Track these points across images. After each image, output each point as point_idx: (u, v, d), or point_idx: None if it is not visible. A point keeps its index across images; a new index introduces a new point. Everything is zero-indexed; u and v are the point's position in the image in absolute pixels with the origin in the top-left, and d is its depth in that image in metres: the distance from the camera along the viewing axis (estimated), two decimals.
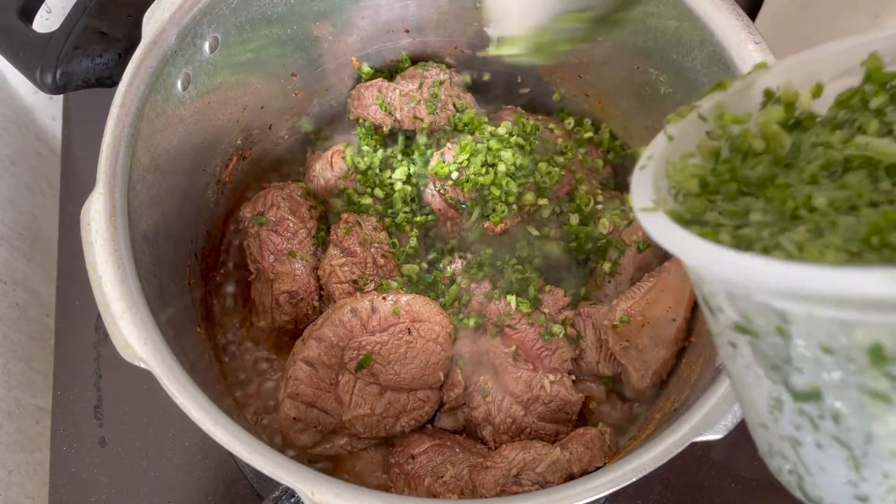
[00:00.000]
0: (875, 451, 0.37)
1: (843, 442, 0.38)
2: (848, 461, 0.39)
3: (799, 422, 0.39)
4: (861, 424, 0.36)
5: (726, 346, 0.41)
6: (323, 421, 0.77)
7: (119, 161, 0.67)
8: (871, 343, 0.33)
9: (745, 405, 0.46)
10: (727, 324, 0.39)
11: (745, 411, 0.46)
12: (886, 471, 0.38)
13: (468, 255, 0.89)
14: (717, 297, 0.39)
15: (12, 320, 1.07)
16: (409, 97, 0.94)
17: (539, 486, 0.72)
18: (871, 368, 0.34)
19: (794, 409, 0.39)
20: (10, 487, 1.00)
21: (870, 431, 0.36)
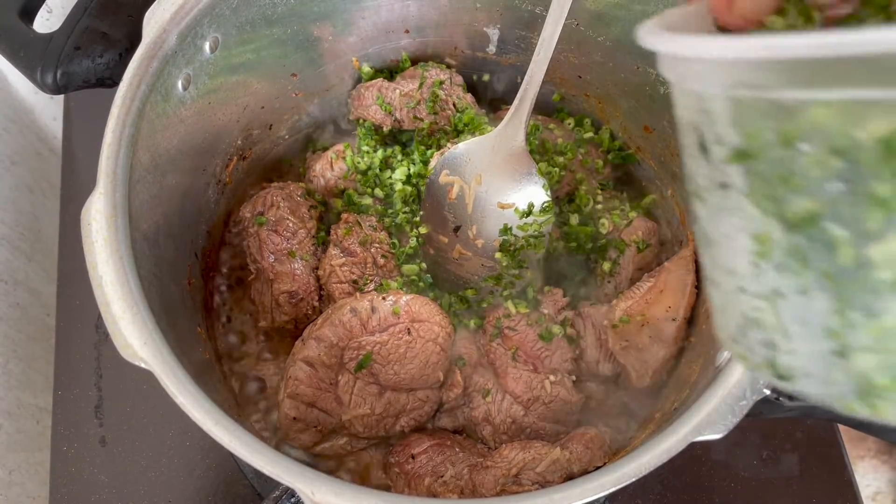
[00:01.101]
0: (866, 285, 0.36)
1: (832, 277, 0.36)
2: (833, 302, 0.37)
3: (785, 262, 0.38)
4: (855, 250, 0.35)
5: (714, 193, 0.41)
6: (323, 421, 0.78)
7: (119, 161, 0.67)
8: (888, 132, 0.32)
9: (719, 276, 0.44)
10: (723, 157, 0.38)
11: (717, 285, 0.45)
12: (875, 309, 0.36)
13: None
14: (718, 121, 0.38)
15: (13, 320, 1.07)
16: (409, 97, 0.94)
17: (539, 486, 0.72)
18: (879, 167, 0.33)
19: (782, 248, 0.38)
20: (11, 487, 1.00)
21: (865, 257, 0.35)
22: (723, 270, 0.43)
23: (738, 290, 0.42)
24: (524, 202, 0.85)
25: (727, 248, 0.42)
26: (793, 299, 0.39)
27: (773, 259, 0.39)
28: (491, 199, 0.86)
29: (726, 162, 0.38)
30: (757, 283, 0.41)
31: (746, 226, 0.39)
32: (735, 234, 0.40)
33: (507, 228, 0.85)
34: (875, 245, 0.35)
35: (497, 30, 0.95)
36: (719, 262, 0.43)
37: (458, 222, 0.87)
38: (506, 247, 0.86)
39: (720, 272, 0.44)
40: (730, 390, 0.61)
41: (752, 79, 0.35)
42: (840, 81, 0.32)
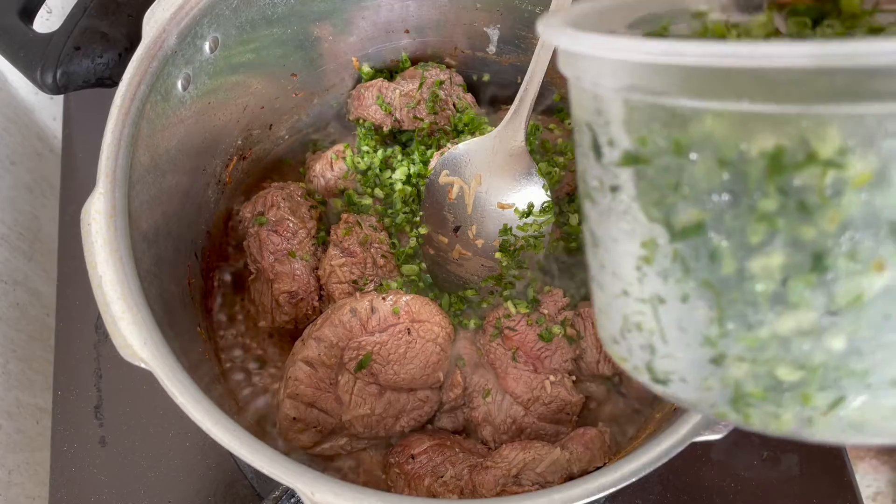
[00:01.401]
0: (744, 296, 0.36)
1: (712, 286, 0.37)
2: (712, 311, 0.38)
3: (669, 269, 0.38)
4: (737, 262, 0.36)
5: (605, 195, 0.41)
6: (323, 421, 0.78)
7: (119, 161, 0.67)
8: (774, 147, 0.32)
9: (604, 278, 0.44)
10: (615, 160, 0.38)
11: (602, 287, 0.45)
12: (752, 320, 0.37)
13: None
14: (611, 123, 0.38)
15: (12, 320, 1.07)
16: (409, 97, 0.94)
17: (539, 486, 0.72)
18: (765, 182, 0.33)
19: (667, 255, 0.38)
20: (11, 487, 1.00)
21: (746, 269, 0.35)
22: (608, 272, 0.44)
23: (621, 293, 0.43)
24: (524, 202, 0.85)
25: (614, 251, 0.42)
26: (673, 306, 0.39)
27: (658, 265, 0.39)
28: (491, 200, 0.86)
29: (617, 165, 0.39)
30: (640, 287, 0.41)
31: (634, 230, 0.39)
32: (622, 238, 0.41)
33: (507, 228, 0.85)
34: (756, 258, 0.35)
35: (497, 30, 0.95)
36: (605, 264, 0.44)
37: (458, 222, 0.87)
38: (506, 247, 0.86)
39: (605, 274, 0.44)
40: None
41: (647, 83, 0.35)
42: (732, 93, 0.32)
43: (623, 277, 0.42)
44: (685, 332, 0.40)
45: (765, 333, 0.37)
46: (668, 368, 0.42)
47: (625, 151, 0.38)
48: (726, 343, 0.38)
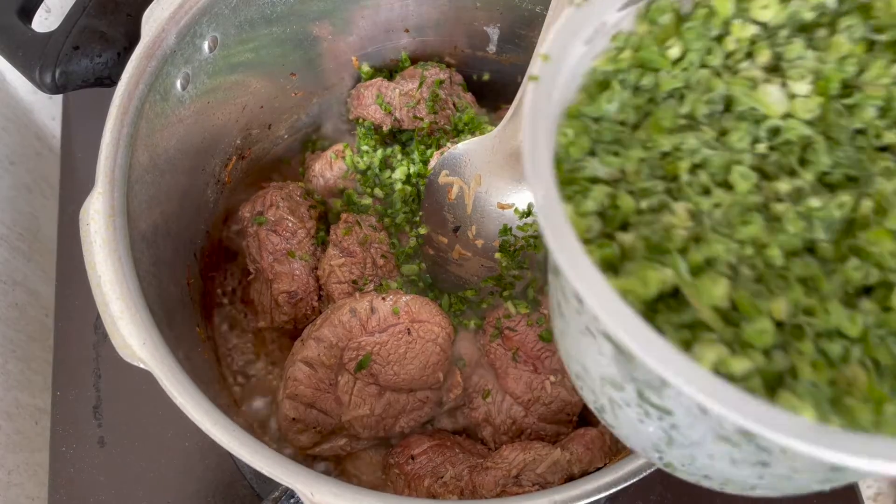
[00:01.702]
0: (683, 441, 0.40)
1: (662, 418, 0.39)
2: (663, 435, 0.41)
3: (621, 399, 0.41)
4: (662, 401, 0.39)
5: (582, 334, 0.41)
6: (322, 421, 0.77)
7: (118, 161, 0.67)
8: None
9: (569, 349, 0.46)
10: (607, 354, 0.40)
11: (567, 353, 0.47)
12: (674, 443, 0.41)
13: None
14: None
15: (11, 320, 1.07)
16: (409, 97, 0.94)
17: (539, 487, 0.72)
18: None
19: (625, 385, 0.40)
20: (10, 488, 1.00)
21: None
22: (572, 356, 0.46)
23: (582, 373, 0.45)
24: (524, 202, 0.85)
25: (581, 352, 0.44)
26: (626, 411, 0.42)
27: (617, 389, 0.41)
28: (491, 200, 0.85)
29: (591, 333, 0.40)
30: (598, 387, 0.44)
31: (599, 357, 0.41)
32: (587, 351, 0.42)
33: (507, 229, 0.85)
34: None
35: (497, 29, 0.95)
36: (572, 352, 0.46)
37: (458, 223, 0.87)
38: (506, 247, 0.85)
39: (569, 349, 0.46)
40: None
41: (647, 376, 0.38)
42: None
43: (588, 372, 0.44)
44: (638, 434, 0.44)
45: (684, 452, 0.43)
46: (618, 430, 0.46)
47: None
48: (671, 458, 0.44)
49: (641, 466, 0.58)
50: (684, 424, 0.38)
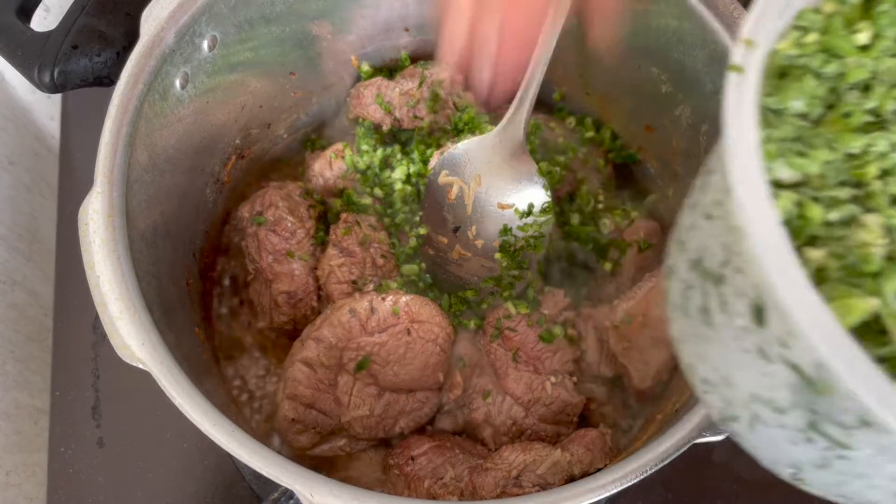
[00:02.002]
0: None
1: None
2: (818, 460, 0.38)
3: (774, 420, 0.38)
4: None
5: (744, 351, 0.37)
6: (322, 422, 0.77)
7: (117, 160, 0.67)
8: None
9: (705, 353, 0.42)
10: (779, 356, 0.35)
11: (697, 352, 0.43)
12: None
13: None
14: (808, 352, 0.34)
15: (10, 320, 1.07)
16: (409, 96, 0.94)
17: (540, 488, 0.72)
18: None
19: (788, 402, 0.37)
20: (8, 489, 0.99)
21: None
22: (710, 364, 0.42)
23: (720, 383, 0.41)
24: (524, 202, 0.84)
25: (733, 365, 0.40)
26: (776, 432, 0.39)
27: (776, 412, 0.38)
28: (491, 200, 0.85)
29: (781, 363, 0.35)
30: (742, 402, 0.40)
31: (763, 380, 0.37)
32: (744, 368, 0.38)
33: (507, 229, 0.85)
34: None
35: None
36: (713, 361, 0.41)
37: (458, 223, 0.87)
38: (505, 247, 0.85)
39: (707, 357, 0.42)
40: None
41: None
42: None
43: (736, 384, 0.40)
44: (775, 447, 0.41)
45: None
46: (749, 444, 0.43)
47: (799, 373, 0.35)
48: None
49: (642, 467, 0.58)
50: (862, 459, 0.36)
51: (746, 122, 0.35)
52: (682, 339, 0.44)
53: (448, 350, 0.81)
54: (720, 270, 0.37)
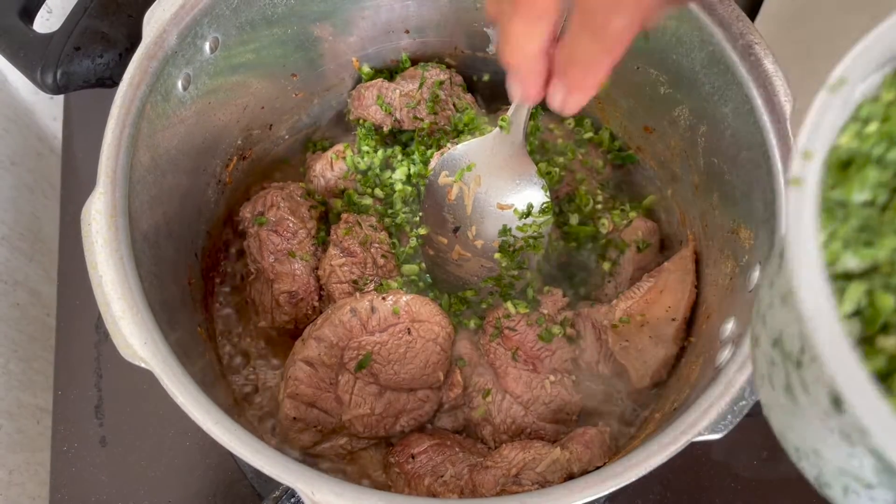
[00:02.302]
0: None
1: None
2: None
3: (866, 494, 0.39)
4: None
5: (829, 430, 0.38)
6: (323, 421, 0.78)
7: (120, 161, 0.67)
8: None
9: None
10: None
11: (783, 421, 0.43)
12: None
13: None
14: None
15: (13, 320, 1.07)
16: (410, 97, 0.94)
17: (539, 486, 0.72)
18: None
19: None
20: (11, 487, 1.00)
21: None
22: (797, 435, 0.42)
23: (811, 455, 0.42)
24: (523, 203, 0.85)
25: (819, 441, 0.40)
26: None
27: (864, 487, 0.38)
28: (490, 201, 0.86)
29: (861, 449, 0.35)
30: (832, 474, 0.40)
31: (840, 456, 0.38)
32: (829, 445, 0.38)
33: (507, 229, 0.85)
34: None
35: (497, 30, 0.95)
36: (799, 432, 0.42)
37: (458, 223, 0.87)
38: (505, 248, 0.86)
39: (795, 428, 0.43)
40: (729, 390, 0.61)
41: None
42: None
43: (821, 455, 0.40)
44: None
45: None
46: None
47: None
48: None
49: (640, 466, 0.58)
50: None
51: (806, 235, 0.34)
52: (770, 407, 0.45)
53: (448, 349, 0.81)
54: (799, 356, 0.37)
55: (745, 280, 0.70)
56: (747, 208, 0.73)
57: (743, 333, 0.64)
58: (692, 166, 0.84)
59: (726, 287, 0.76)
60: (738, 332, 0.67)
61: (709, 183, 0.82)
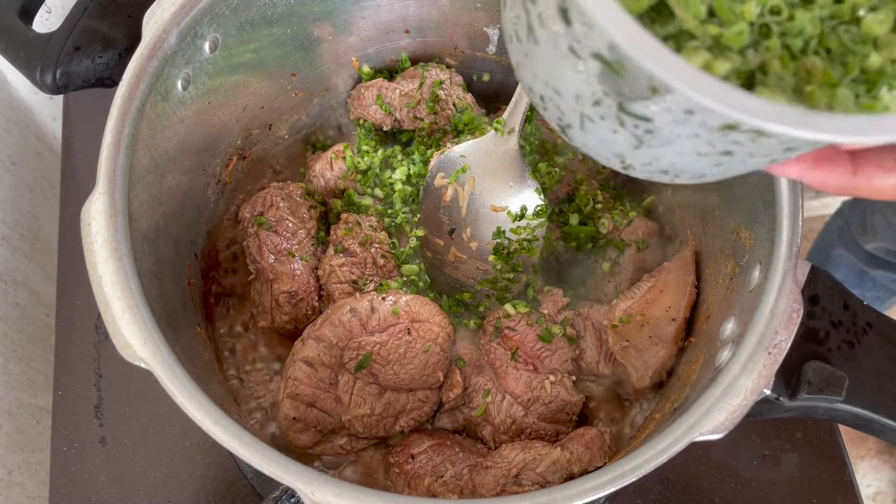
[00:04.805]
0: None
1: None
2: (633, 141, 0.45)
3: (595, 114, 0.45)
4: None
5: (562, 57, 0.43)
6: (322, 421, 0.78)
7: (119, 161, 0.67)
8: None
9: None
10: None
11: (529, 72, 0.49)
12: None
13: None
14: None
15: (12, 320, 1.07)
16: (409, 97, 0.94)
17: (539, 486, 0.72)
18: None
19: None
20: (11, 487, 1.00)
21: None
22: (540, 79, 0.48)
23: (552, 95, 0.48)
24: (517, 205, 0.85)
25: (556, 73, 0.46)
26: (600, 125, 0.46)
27: (594, 105, 0.45)
28: (485, 202, 0.86)
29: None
30: (570, 106, 0.46)
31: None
32: (563, 71, 0.44)
33: (501, 231, 0.85)
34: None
35: (497, 30, 0.95)
36: (541, 76, 0.48)
37: (453, 225, 0.87)
38: (499, 250, 0.86)
39: (537, 73, 0.48)
40: (729, 390, 0.61)
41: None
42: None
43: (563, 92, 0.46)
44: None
45: None
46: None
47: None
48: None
49: (640, 466, 0.58)
50: (662, 128, 0.42)
51: None
52: (519, 66, 0.50)
53: (448, 349, 0.81)
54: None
55: (745, 280, 0.70)
56: (747, 208, 0.73)
57: (743, 333, 0.64)
58: None
59: (726, 287, 0.76)
60: (738, 332, 0.67)
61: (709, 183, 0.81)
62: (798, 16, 0.41)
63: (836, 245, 1.67)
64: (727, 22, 0.40)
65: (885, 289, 1.67)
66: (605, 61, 0.40)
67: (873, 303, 1.39)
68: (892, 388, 0.64)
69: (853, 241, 1.61)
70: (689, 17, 0.39)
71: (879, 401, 0.63)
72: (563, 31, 0.41)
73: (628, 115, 0.43)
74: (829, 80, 0.40)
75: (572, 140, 0.50)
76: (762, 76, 0.40)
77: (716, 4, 0.40)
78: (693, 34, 0.40)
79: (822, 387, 0.63)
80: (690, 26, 0.39)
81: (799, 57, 0.41)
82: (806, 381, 0.63)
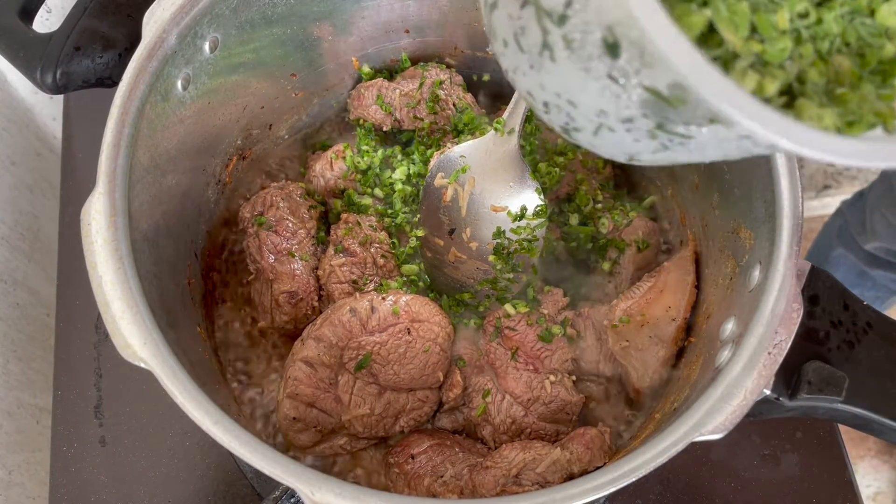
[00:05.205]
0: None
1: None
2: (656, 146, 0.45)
3: (619, 125, 0.45)
4: None
5: (595, 79, 0.43)
6: (322, 421, 0.78)
7: (119, 161, 0.67)
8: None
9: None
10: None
11: (538, 82, 0.48)
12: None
13: None
14: None
15: (12, 320, 1.07)
16: (409, 97, 0.94)
17: (539, 486, 0.72)
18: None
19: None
20: (11, 487, 1.00)
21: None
22: (549, 90, 0.48)
23: (565, 106, 0.48)
24: (517, 205, 0.85)
25: (577, 89, 0.46)
26: (622, 135, 0.46)
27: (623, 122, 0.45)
28: (484, 202, 0.86)
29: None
30: (589, 117, 0.47)
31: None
32: (587, 89, 0.44)
33: (501, 231, 0.85)
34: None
35: None
36: (558, 90, 0.47)
37: (453, 225, 0.87)
38: (499, 250, 0.86)
39: (548, 85, 0.48)
40: (730, 390, 0.61)
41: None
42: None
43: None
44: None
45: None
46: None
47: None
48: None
49: (640, 466, 0.58)
50: (701, 140, 0.42)
51: None
52: (518, 73, 0.50)
53: (448, 349, 0.81)
54: (564, 11, 0.42)
55: (745, 280, 0.70)
56: (747, 208, 0.73)
57: (743, 333, 0.64)
58: (692, 166, 0.84)
59: (726, 287, 0.76)
60: (738, 332, 0.67)
61: (709, 183, 0.82)
62: (825, 17, 0.42)
63: (835, 245, 1.67)
64: (768, 38, 0.41)
65: (884, 289, 1.67)
66: (660, 95, 0.40)
67: (873, 303, 1.39)
68: (892, 388, 0.64)
69: (853, 240, 1.61)
70: (737, 40, 0.40)
71: (879, 401, 0.63)
72: (606, 61, 0.41)
73: (666, 132, 0.43)
74: (854, 75, 0.42)
75: (577, 141, 0.50)
76: (800, 85, 0.42)
77: (758, 23, 0.41)
78: (738, 54, 0.41)
79: (822, 387, 0.63)
80: (738, 48, 0.40)
81: (827, 59, 0.42)
82: (806, 381, 0.63)
